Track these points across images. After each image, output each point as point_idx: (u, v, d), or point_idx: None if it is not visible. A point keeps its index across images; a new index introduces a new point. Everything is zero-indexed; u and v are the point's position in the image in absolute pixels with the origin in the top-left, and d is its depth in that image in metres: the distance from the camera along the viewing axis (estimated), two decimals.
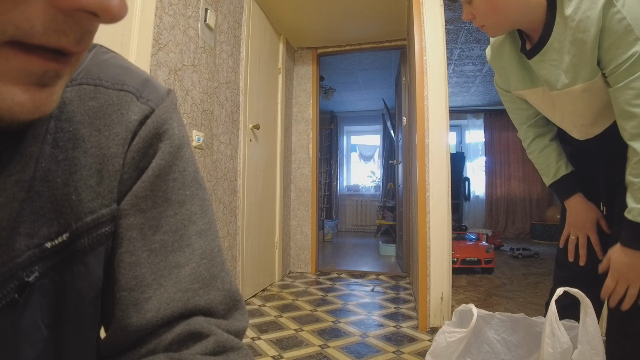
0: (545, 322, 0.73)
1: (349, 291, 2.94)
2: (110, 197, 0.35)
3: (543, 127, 1.14)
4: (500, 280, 3.35)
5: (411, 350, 1.80)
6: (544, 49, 0.90)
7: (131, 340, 0.35)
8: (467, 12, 0.92)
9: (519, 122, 1.18)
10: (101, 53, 0.38)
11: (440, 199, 2.14)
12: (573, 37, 0.84)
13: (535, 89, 1.03)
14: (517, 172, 6.93)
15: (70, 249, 0.32)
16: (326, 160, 6.98)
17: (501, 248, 5.15)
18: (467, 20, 0.94)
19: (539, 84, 1.01)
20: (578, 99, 0.93)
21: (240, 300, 0.41)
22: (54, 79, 0.25)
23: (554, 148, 1.12)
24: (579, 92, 0.90)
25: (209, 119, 2.16)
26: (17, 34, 0.21)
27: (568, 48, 0.87)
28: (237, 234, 2.51)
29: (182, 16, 1.86)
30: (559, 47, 0.88)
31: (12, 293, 0.29)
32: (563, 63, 0.89)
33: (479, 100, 6.51)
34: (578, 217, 1.06)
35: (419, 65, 2.22)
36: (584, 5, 0.81)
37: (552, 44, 0.89)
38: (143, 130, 0.36)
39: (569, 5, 0.84)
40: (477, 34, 3.97)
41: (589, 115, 0.97)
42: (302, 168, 3.71)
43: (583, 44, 0.83)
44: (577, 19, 0.82)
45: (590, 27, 0.80)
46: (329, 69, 5.00)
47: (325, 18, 3.21)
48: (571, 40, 0.85)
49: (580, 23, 0.82)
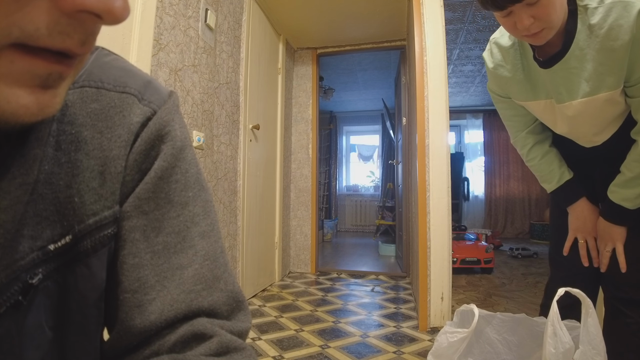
0: (547, 322, 0.73)
1: (348, 291, 2.94)
2: (113, 199, 0.35)
3: (541, 133, 1.13)
4: (499, 280, 3.36)
5: (412, 350, 1.80)
6: (566, 57, 0.89)
7: (135, 342, 0.35)
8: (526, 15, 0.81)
9: (516, 130, 1.15)
10: (103, 55, 0.38)
11: (440, 199, 2.14)
12: (601, 45, 0.84)
13: (537, 102, 1.02)
14: (516, 172, 6.94)
15: (73, 251, 0.32)
16: (325, 160, 6.98)
17: (500, 248, 5.15)
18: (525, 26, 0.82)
19: (541, 97, 1.00)
20: (597, 109, 0.92)
21: (243, 301, 0.41)
22: (57, 81, 0.25)
23: (554, 154, 1.11)
24: (602, 101, 0.89)
25: (209, 119, 2.16)
26: (21, 37, 0.21)
27: (593, 56, 0.86)
28: (237, 234, 2.51)
29: (182, 16, 1.86)
30: (581, 55, 0.87)
31: (16, 295, 0.29)
32: (585, 71, 0.88)
33: (478, 100, 6.52)
34: (587, 222, 1.06)
35: (419, 66, 2.22)
36: (614, 14, 0.80)
37: (574, 51, 0.87)
38: (145, 132, 0.36)
39: (595, 13, 0.83)
40: (477, 34, 3.97)
41: (599, 124, 0.97)
42: (301, 168, 3.70)
43: (612, 52, 0.83)
44: (606, 26, 0.82)
45: (623, 35, 0.80)
46: (329, 69, 5.00)
47: (325, 18, 3.21)
48: (598, 49, 0.84)
49: (611, 31, 0.81)
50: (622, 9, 0.80)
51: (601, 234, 1.03)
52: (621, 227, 0.99)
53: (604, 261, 1.02)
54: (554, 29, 0.85)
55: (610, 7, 0.81)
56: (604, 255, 1.02)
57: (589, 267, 1.06)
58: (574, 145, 1.08)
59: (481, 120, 7.09)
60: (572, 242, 1.10)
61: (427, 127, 2.18)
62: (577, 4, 0.86)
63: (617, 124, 0.97)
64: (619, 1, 0.80)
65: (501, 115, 1.18)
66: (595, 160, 1.08)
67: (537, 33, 0.84)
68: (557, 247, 1.13)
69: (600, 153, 1.05)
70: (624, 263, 0.97)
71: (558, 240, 1.13)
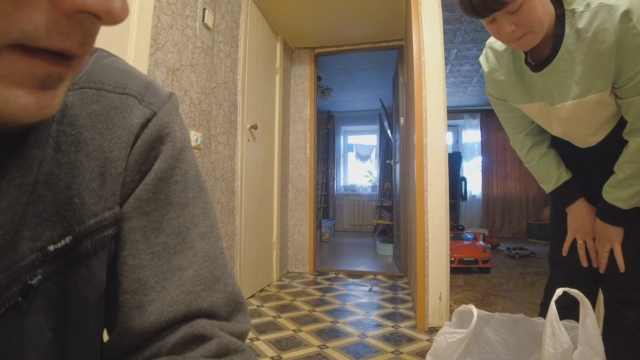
0: (545, 323, 0.73)
1: (347, 291, 2.94)
2: (113, 200, 0.35)
3: (539, 134, 1.14)
4: (497, 280, 3.36)
5: (410, 350, 1.80)
6: (555, 61, 0.91)
7: (134, 343, 0.35)
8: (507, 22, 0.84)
9: (514, 132, 1.17)
10: (103, 57, 0.38)
11: (438, 199, 2.14)
12: (588, 49, 0.85)
13: (532, 104, 1.03)
14: (514, 171, 6.96)
15: (73, 252, 0.32)
16: (323, 160, 6.99)
17: (498, 247, 5.17)
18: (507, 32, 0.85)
19: (535, 99, 1.01)
20: (588, 111, 0.93)
21: (243, 302, 0.41)
22: (57, 81, 0.24)
23: (552, 155, 1.12)
24: (592, 102, 0.91)
25: (207, 119, 2.16)
26: (20, 37, 0.21)
27: (581, 59, 0.87)
28: (235, 235, 2.51)
29: (180, 16, 1.86)
30: (570, 58, 0.89)
31: (15, 296, 0.28)
32: (574, 74, 0.90)
33: (476, 100, 6.53)
34: (585, 222, 1.07)
35: (417, 66, 2.22)
36: (599, 17, 0.82)
37: (563, 55, 0.89)
38: (145, 134, 0.36)
39: (582, 17, 0.84)
40: (475, 34, 3.98)
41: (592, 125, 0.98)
42: (299, 168, 3.70)
43: (600, 55, 0.84)
44: (592, 30, 0.83)
45: (608, 38, 0.82)
46: (327, 69, 5.01)
47: (323, 18, 3.21)
48: (586, 52, 0.86)
49: (597, 35, 0.83)
50: (607, 13, 0.81)
51: (599, 235, 1.04)
52: (617, 227, 0.99)
53: (603, 262, 1.03)
54: (538, 35, 0.87)
55: (596, 11, 0.83)
56: (602, 256, 1.02)
57: (589, 267, 1.06)
58: (571, 147, 1.09)
59: (478, 120, 7.11)
60: (571, 242, 1.10)
61: (425, 127, 2.18)
62: (565, 8, 0.88)
63: (610, 125, 0.98)
64: (604, 5, 0.82)
65: (500, 117, 1.20)
66: (592, 162, 1.09)
67: (521, 38, 0.86)
68: (557, 248, 1.13)
69: (596, 154, 1.05)
70: (622, 263, 0.98)
71: (558, 241, 1.13)
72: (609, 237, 1.00)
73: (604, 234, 1.01)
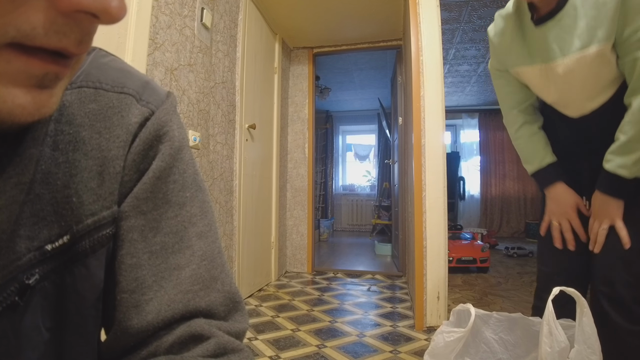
0: (542, 322, 0.74)
1: (345, 291, 2.94)
2: (111, 199, 0.35)
3: (533, 114, 1.16)
4: (495, 279, 3.37)
5: (408, 349, 1.80)
6: (560, 15, 0.92)
7: (132, 343, 0.35)
8: None
9: (509, 107, 1.18)
10: (100, 56, 0.38)
11: (436, 199, 2.15)
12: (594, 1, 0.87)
13: (532, 67, 1.04)
14: (512, 171, 6.97)
15: (71, 251, 0.32)
16: (321, 159, 6.99)
17: (496, 247, 5.18)
18: None
19: (537, 62, 1.03)
20: (587, 67, 0.93)
21: (241, 302, 0.41)
22: (54, 81, 0.24)
23: (542, 136, 1.13)
24: (592, 57, 0.91)
25: (205, 119, 2.15)
26: (17, 36, 0.21)
27: (585, 12, 0.89)
28: (234, 234, 2.51)
29: (178, 15, 1.86)
30: (575, 13, 0.90)
31: (12, 296, 0.28)
32: (577, 29, 0.91)
33: (474, 100, 6.54)
34: (559, 204, 1.07)
35: (415, 66, 2.22)
36: None
37: (569, 10, 0.91)
38: (143, 133, 0.36)
39: None
40: (473, 34, 3.99)
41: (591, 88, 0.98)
42: (298, 168, 3.70)
43: (604, 5, 0.86)
44: None
45: None
46: (325, 68, 5.01)
47: (321, 18, 3.21)
48: (591, 5, 0.88)
49: None
50: None
51: (596, 212, 0.98)
52: (618, 200, 0.93)
53: (600, 240, 0.96)
54: None
55: None
56: (600, 234, 0.96)
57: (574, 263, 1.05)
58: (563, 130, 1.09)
59: (477, 119, 7.12)
60: (547, 223, 1.10)
61: (423, 127, 2.18)
62: None
63: (608, 91, 0.97)
64: None
65: (498, 94, 1.22)
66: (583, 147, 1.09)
67: None
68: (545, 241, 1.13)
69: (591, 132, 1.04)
70: (626, 237, 0.92)
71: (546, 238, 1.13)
72: (608, 212, 0.94)
73: (603, 209, 0.95)
